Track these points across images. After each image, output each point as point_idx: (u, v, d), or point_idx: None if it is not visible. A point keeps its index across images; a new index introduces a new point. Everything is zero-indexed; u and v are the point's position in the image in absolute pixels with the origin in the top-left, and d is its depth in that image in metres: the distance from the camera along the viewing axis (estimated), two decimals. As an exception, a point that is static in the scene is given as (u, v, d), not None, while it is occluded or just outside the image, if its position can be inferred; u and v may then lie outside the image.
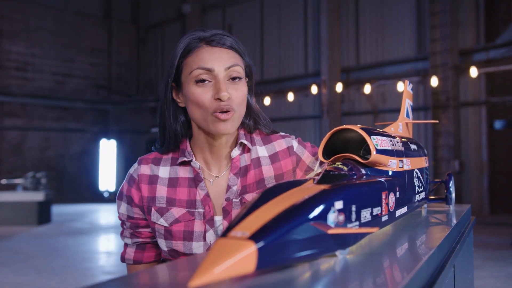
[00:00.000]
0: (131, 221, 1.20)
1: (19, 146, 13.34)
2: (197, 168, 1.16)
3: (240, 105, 1.11)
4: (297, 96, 11.64)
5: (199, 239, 1.12)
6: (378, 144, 0.89)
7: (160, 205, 1.15)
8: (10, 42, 13.27)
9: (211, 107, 1.07)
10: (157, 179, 1.17)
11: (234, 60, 1.11)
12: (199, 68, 1.07)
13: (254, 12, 12.86)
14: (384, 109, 10.41)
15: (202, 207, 1.13)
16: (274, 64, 12.43)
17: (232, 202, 1.14)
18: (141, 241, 1.22)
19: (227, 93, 1.06)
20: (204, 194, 1.14)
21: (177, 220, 1.13)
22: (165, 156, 1.21)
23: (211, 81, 1.08)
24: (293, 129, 11.71)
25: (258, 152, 1.20)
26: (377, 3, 10.59)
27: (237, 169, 1.17)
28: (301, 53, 11.89)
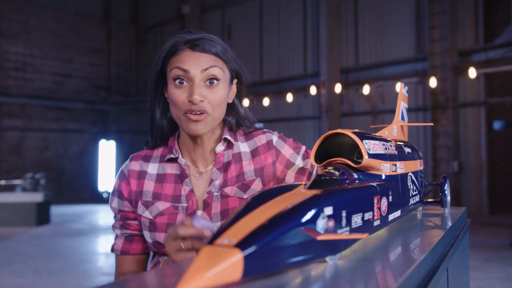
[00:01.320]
0: (121, 214, 1.27)
1: (18, 146, 13.34)
2: (183, 165, 1.22)
3: (216, 108, 1.15)
4: (296, 97, 11.64)
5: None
6: (371, 148, 0.89)
7: (146, 199, 1.21)
8: (9, 43, 13.27)
9: (184, 108, 1.13)
10: (146, 174, 1.24)
11: (212, 62, 1.15)
12: (177, 67, 1.13)
13: (253, 12, 12.86)
14: (383, 110, 10.41)
15: (186, 202, 1.19)
16: (273, 64, 12.43)
17: (213, 195, 1.19)
18: (129, 233, 1.28)
19: (199, 96, 1.11)
20: (189, 190, 1.20)
21: (161, 213, 1.19)
22: (155, 153, 1.27)
23: (188, 83, 1.13)
24: (292, 130, 11.71)
25: (240, 148, 1.25)
26: (376, 4, 10.59)
27: (220, 164, 1.22)
28: (300, 54, 11.89)
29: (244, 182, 1.22)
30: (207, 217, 1.18)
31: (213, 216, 1.18)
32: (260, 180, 1.23)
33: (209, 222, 1.00)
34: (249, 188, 1.21)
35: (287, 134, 11.41)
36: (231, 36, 13.34)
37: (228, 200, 1.19)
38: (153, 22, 15.59)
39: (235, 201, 1.19)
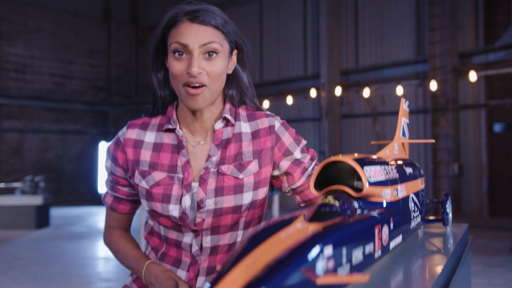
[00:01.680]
0: (112, 177, 1.31)
1: (18, 148, 13.31)
2: (180, 135, 1.23)
3: (214, 81, 1.16)
4: (296, 98, 11.62)
5: (176, 202, 1.20)
6: (372, 176, 0.87)
7: (143, 169, 1.23)
8: (9, 44, 13.24)
9: (182, 79, 1.14)
10: (142, 143, 1.25)
11: (211, 37, 1.15)
12: (176, 42, 1.14)
13: (253, 13, 12.84)
14: (384, 112, 10.39)
15: (182, 173, 1.21)
16: (273, 66, 12.42)
17: (210, 171, 1.20)
18: (117, 196, 1.33)
19: (197, 68, 1.12)
20: (185, 161, 1.21)
21: (157, 183, 1.21)
22: (153, 121, 1.28)
23: (187, 55, 1.15)
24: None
25: (241, 128, 1.25)
26: (376, 6, 10.57)
27: (218, 140, 1.23)
28: (300, 55, 11.87)
29: (242, 162, 1.22)
30: (203, 193, 1.20)
31: (208, 192, 1.19)
32: (257, 162, 1.23)
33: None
34: (245, 169, 1.22)
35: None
36: (231, 37, 13.32)
37: (224, 178, 1.20)
38: (153, 23, 15.56)
39: (231, 180, 1.20)
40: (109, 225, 1.38)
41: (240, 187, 1.21)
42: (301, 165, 1.30)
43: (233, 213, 1.21)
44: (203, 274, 1.23)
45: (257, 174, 1.23)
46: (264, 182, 1.25)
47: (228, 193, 1.20)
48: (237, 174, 1.21)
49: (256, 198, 1.24)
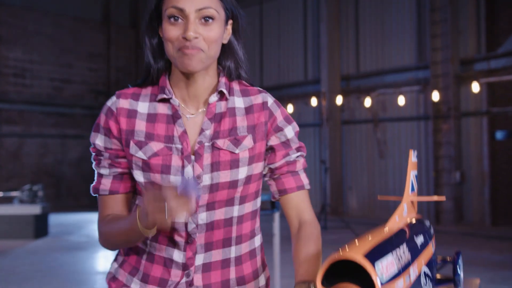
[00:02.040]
0: (109, 152, 1.23)
1: (17, 152, 13.25)
2: (176, 105, 1.20)
3: (211, 46, 1.15)
4: (297, 104, 11.56)
5: (177, 173, 1.17)
6: (384, 273, 0.81)
7: (139, 139, 1.19)
8: (8, 48, 13.18)
9: (178, 44, 1.13)
10: (136, 113, 1.21)
11: (208, 2, 1.14)
12: (172, 7, 1.13)
13: (253, 17, 12.77)
14: (385, 118, 10.34)
15: (180, 143, 1.18)
16: (273, 70, 12.36)
17: (204, 145, 1.18)
18: (120, 171, 1.24)
19: (193, 33, 1.11)
20: (182, 131, 1.18)
21: (156, 154, 1.18)
22: (144, 91, 1.24)
23: (182, 20, 1.13)
24: (292, 137, 11.60)
25: (235, 103, 1.24)
26: (377, 11, 10.50)
27: (212, 114, 1.21)
28: (300, 60, 11.81)
29: (237, 137, 1.20)
30: (199, 169, 1.17)
31: (204, 168, 1.17)
32: (251, 137, 1.21)
33: (195, 187, 1.01)
34: (241, 143, 1.20)
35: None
36: (231, 41, 13.26)
37: (220, 152, 1.18)
38: (152, 27, 15.50)
39: (227, 155, 1.18)
40: (107, 214, 1.25)
41: (236, 162, 1.19)
42: (287, 148, 1.26)
43: (229, 188, 1.19)
44: (202, 251, 1.20)
45: (252, 149, 1.21)
46: (258, 157, 1.23)
47: (224, 168, 1.18)
48: (233, 149, 1.19)
49: (251, 173, 1.22)
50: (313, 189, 11.29)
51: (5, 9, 13.08)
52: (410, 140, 9.85)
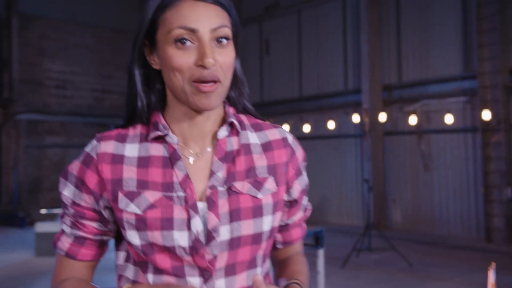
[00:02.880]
0: (75, 209, 0.99)
1: (60, 163, 13.49)
2: (174, 143, 0.98)
3: (227, 74, 0.94)
4: (336, 114, 11.33)
5: (182, 227, 0.93)
6: None
7: (129, 189, 0.95)
8: (51, 61, 13.44)
9: (192, 75, 0.91)
10: (123, 158, 0.97)
11: (221, 19, 0.93)
12: (180, 27, 0.90)
13: (291, 26, 12.61)
14: (429, 129, 10.00)
15: (182, 191, 0.94)
16: (312, 80, 12.16)
17: (218, 190, 0.96)
18: (81, 235, 1.01)
19: (212, 59, 0.90)
20: (184, 176, 0.95)
21: (152, 205, 0.93)
22: (131, 132, 1.01)
23: (193, 43, 0.91)
24: (333, 148, 11.40)
25: (249, 138, 1.03)
26: (420, 19, 10.17)
27: (222, 153, 0.99)
28: (340, 70, 11.57)
29: (257, 179, 0.99)
30: (215, 218, 0.94)
31: (221, 217, 0.94)
32: (274, 180, 1.00)
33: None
34: (263, 186, 0.98)
35: (328, 152, 11.08)
36: (269, 51, 13.14)
37: (239, 197, 0.96)
38: (190, 36, 15.54)
39: (248, 200, 0.96)
40: (61, 278, 1.02)
41: (259, 209, 0.96)
42: (304, 193, 1.10)
43: (253, 243, 0.96)
44: None
45: (275, 194, 1.00)
46: (280, 205, 1.02)
47: (246, 217, 0.95)
48: (255, 193, 0.97)
49: (274, 225, 1.00)
50: (355, 206, 11.05)
51: (47, 23, 13.34)
52: (457, 153, 9.49)
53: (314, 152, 11.81)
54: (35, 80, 13.20)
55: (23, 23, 12.90)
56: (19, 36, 12.78)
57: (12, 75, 12.64)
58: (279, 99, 12.80)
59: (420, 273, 6.34)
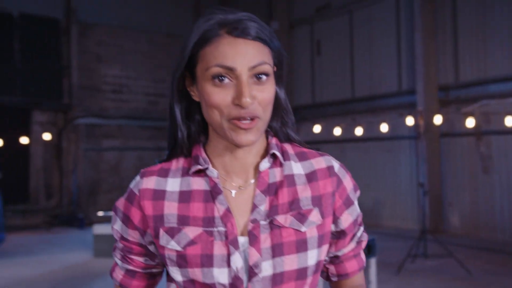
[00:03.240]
0: (123, 243, 1.03)
1: (117, 166, 13.89)
2: (215, 177, 0.97)
3: (266, 110, 0.93)
4: (390, 115, 11.10)
5: (222, 264, 0.92)
6: None
7: (170, 225, 0.95)
8: (107, 66, 13.86)
9: (229, 113, 0.90)
10: (165, 194, 0.97)
11: (261, 56, 0.91)
12: (218, 65, 0.90)
13: (343, 27, 12.45)
14: (488, 130, 9.62)
15: (223, 225, 0.94)
16: (365, 81, 11.96)
17: (260, 224, 0.94)
18: (131, 269, 1.04)
19: (250, 98, 0.89)
20: (225, 210, 0.94)
21: (192, 241, 0.93)
22: (174, 166, 1.01)
23: (231, 80, 0.90)
24: (386, 150, 11.18)
25: (293, 169, 1.00)
26: (477, 17, 9.80)
27: (265, 185, 0.97)
28: (394, 70, 11.33)
29: (301, 211, 0.96)
30: (256, 254, 0.92)
31: (263, 253, 0.92)
32: (319, 211, 0.97)
33: None
34: (307, 219, 0.96)
35: (381, 155, 10.85)
36: (320, 51, 13.03)
37: (282, 231, 0.94)
38: (241, 39, 15.62)
39: (291, 234, 0.94)
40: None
41: (304, 243, 0.94)
42: (355, 225, 1.05)
43: (297, 279, 0.94)
44: None
45: (321, 226, 0.97)
46: (326, 237, 0.99)
47: (290, 251, 0.93)
48: (299, 226, 0.95)
49: (320, 259, 0.98)
50: (410, 209, 10.78)
51: (104, 30, 13.77)
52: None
53: (366, 154, 11.61)
54: (93, 85, 13.65)
55: (81, 30, 13.38)
56: (78, 43, 13.26)
57: (72, 81, 13.12)
58: (330, 100, 12.67)
59: (479, 282, 6.10)
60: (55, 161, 13.13)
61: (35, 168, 12.80)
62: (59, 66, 13.05)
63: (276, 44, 0.96)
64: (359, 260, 1.10)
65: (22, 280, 6.48)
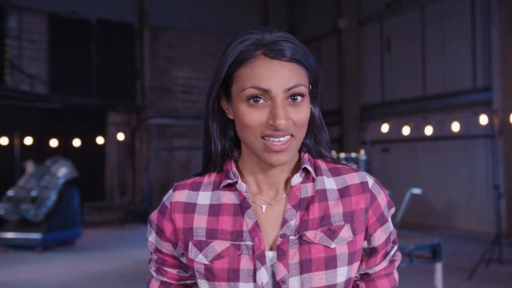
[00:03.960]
0: (158, 255, 1.05)
1: (186, 165, 14.25)
2: (244, 191, 0.97)
3: (301, 130, 0.94)
4: (464, 113, 10.63)
5: (248, 279, 0.93)
6: None
7: (198, 238, 0.97)
8: (178, 68, 14.25)
9: (262, 132, 0.91)
10: (195, 207, 0.99)
11: (296, 78, 0.91)
12: (253, 87, 0.90)
13: (414, 23, 12.07)
14: None
15: (251, 240, 0.94)
16: (437, 78, 11.53)
17: (289, 239, 0.94)
18: (165, 281, 1.06)
19: (284, 120, 0.89)
20: (253, 224, 0.95)
21: (219, 255, 0.95)
22: (206, 179, 1.03)
23: (266, 102, 0.91)
24: (459, 150, 10.73)
25: (325, 184, 0.99)
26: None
27: (296, 199, 0.97)
28: (468, 67, 10.84)
29: (331, 227, 0.95)
30: (284, 270, 0.92)
31: (291, 268, 0.92)
32: (350, 228, 0.96)
33: None
34: (337, 236, 0.95)
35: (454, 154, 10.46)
36: (390, 48, 12.71)
37: (310, 247, 0.93)
38: (309, 37, 15.53)
39: (320, 251, 0.93)
40: None
41: (333, 260, 0.93)
42: (387, 243, 1.03)
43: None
44: None
45: (352, 243, 0.96)
46: (358, 255, 0.98)
47: (318, 268, 0.92)
48: (328, 243, 0.94)
49: (351, 276, 0.96)
50: (486, 212, 10.28)
51: (174, 32, 14.16)
52: None
53: (437, 153, 11.21)
54: (164, 87, 14.08)
55: (153, 34, 13.83)
56: (150, 46, 13.72)
57: (144, 83, 13.60)
58: (400, 98, 12.33)
59: (559, 291, 5.72)
60: (129, 160, 13.67)
61: (110, 167, 13.39)
62: (133, 69, 13.57)
63: (312, 63, 0.96)
64: (391, 280, 1.07)
65: (96, 274, 6.79)
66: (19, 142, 11.10)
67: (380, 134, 11.72)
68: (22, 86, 12.01)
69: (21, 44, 12.09)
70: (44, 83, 12.33)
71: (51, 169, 9.03)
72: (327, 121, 5.15)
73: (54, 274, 6.85)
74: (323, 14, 14.79)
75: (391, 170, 12.53)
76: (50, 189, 8.75)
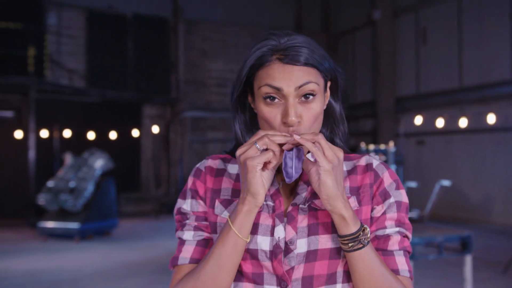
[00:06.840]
0: (196, 214, 1.10)
1: (220, 157, 14.37)
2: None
3: (312, 126, 1.02)
4: (501, 105, 10.38)
5: (265, 233, 1.03)
6: None
7: (224, 197, 1.09)
8: (212, 61, 14.37)
9: (279, 129, 1.01)
10: (224, 172, 1.12)
11: (307, 77, 1.00)
12: (267, 85, 1.00)
13: (451, 13, 11.82)
14: None
15: (272, 201, 1.05)
16: (474, 69, 11.28)
17: (299, 207, 1.04)
18: (205, 236, 1.09)
19: (295, 118, 0.99)
20: (275, 190, 1.06)
21: None
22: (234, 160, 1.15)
23: (280, 100, 1.01)
24: (497, 143, 10.49)
25: None
26: None
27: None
28: (506, 57, 10.56)
29: None
30: (292, 232, 1.02)
31: (299, 231, 1.02)
32: (356, 199, 1.06)
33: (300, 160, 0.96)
34: None
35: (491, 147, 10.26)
36: (426, 40, 12.48)
37: (318, 213, 1.03)
38: (343, 29, 15.42)
39: (327, 216, 1.02)
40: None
41: None
42: (394, 219, 1.05)
43: (330, 258, 1.02)
44: None
45: (357, 211, 1.04)
46: (365, 224, 1.03)
47: (325, 231, 1.02)
48: None
49: None
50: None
51: (208, 26, 14.27)
52: None
53: (474, 146, 11.00)
54: (198, 80, 14.23)
55: (187, 27, 13.98)
56: (184, 40, 13.88)
57: (179, 76, 13.79)
58: (436, 90, 12.12)
59: None
60: (164, 153, 13.91)
61: (146, 159, 13.66)
62: (167, 62, 13.77)
63: (327, 66, 1.04)
64: (390, 261, 1.05)
65: (130, 263, 6.99)
66: (58, 135, 11.46)
67: (414, 126, 11.56)
68: (61, 81, 12.37)
69: (60, 39, 12.44)
70: (82, 77, 12.66)
71: (89, 161, 9.29)
72: (361, 114, 5.26)
73: (91, 262, 7.08)
74: (357, 5, 14.64)
75: (426, 163, 12.35)
76: (88, 181, 9.01)
